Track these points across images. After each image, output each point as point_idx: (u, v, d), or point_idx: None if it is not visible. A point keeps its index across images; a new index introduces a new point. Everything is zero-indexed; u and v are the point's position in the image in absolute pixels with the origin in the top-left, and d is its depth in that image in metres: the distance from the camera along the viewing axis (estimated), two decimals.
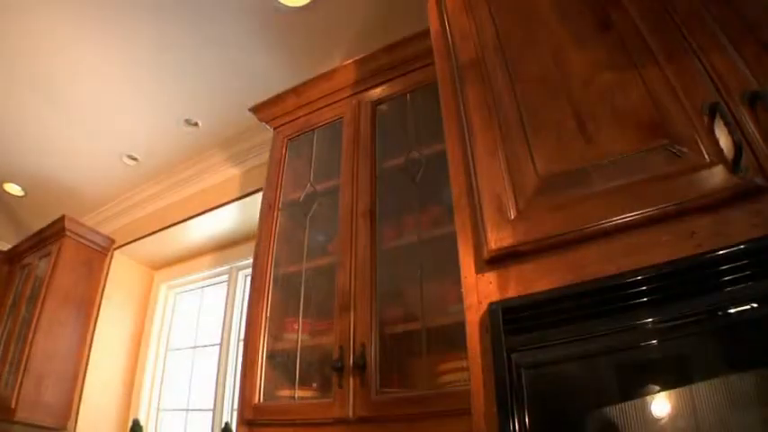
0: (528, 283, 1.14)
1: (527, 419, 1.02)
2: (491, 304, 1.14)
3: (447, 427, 1.48)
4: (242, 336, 3.22)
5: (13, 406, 3.65)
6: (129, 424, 3.58)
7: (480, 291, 1.19)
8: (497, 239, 1.18)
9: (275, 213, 2.34)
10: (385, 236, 1.93)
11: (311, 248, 2.20)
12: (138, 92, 3.25)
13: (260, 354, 2.08)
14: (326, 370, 1.86)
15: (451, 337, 1.62)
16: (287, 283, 2.21)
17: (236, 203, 3.32)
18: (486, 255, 1.19)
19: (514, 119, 1.31)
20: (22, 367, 3.77)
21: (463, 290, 1.23)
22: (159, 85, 3.17)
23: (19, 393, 3.68)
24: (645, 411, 0.93)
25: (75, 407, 3.85)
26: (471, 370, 1.16)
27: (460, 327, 1.22)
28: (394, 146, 2.10)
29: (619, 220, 1.06)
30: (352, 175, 2.07)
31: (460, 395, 1.44)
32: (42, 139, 3.93)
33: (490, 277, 1.19)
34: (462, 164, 1.38)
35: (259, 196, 2.89)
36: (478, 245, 1.23)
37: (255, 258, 2.31)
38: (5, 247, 5.33)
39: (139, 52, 2.96)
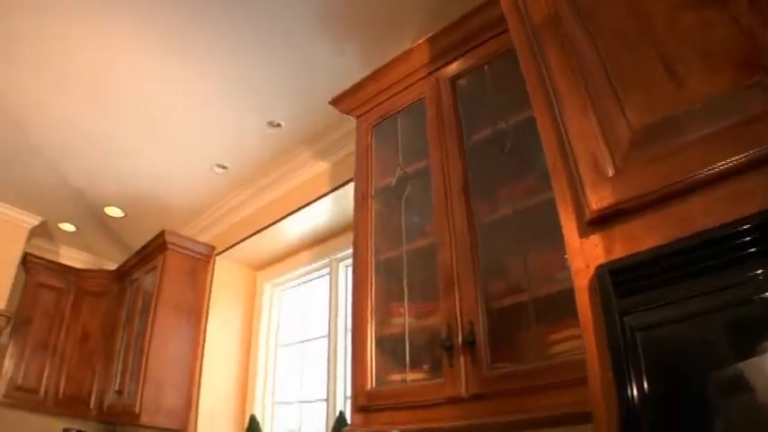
0: (634, 243, 1.09)
1: (645, 384, 0.98)
2: (598, 267, 1.11)
3: (561, 399, 1.45)
4: (349, 325, 3.26)
5: (137, 411, 3.90)
6: (246, 420, 3.71)
7: (586, 254, 1.16)
8: (598, 200, 1.14)
9: (369, 201, 2.35)
10: (481, 210, 1.91)
11: (409, 231, 2.20)
12: (219, 101, 3.35)
13: (369, 341, 2.11)
14: (436, 350, 1.86)
15: (560, 306, 1.58)
16: (389, 269, 2.21)
17: (328, 197, 3.36)
18: (587, 217, 1.15)
19: (599, 74, 1.26)
20: (142, 376, 4.00)
21: (568, 255, 1.20)
22: (239, 92, 3.25)
23: (141, 400, 3.92)
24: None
25: (193, 408, 4.04)
26: (584, 337, 1.13)
27: (568, 294, 1.19)
28: (479, 119, 2.06)
29: (720, 167, 0.99)
30: (441, 154, 2.05)
31: (573, 365, 1.41)
32: (134, 162, 4.15)
33: (595, 240, 1.15)
34: (552, 128, 1.34)
35: (351, 186, 2.90)
36: (579, 208, 1.19)
37: (355, 248, 2.33)
38: (113, 266, 5.64)
39: (217, 62, 3.04)
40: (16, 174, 4.64)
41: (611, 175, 1.14)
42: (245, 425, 3.73)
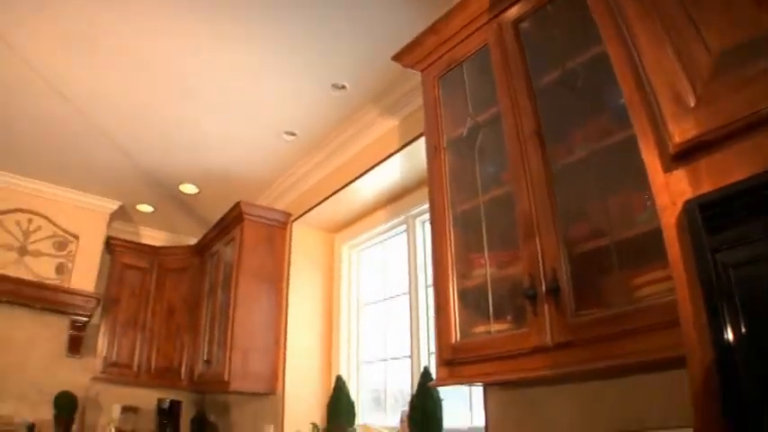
0: (722, 175, 1.03)
1: (741, 324, 0.93)
2: (686, 203, 1.05)
3: (650, 344, 1.40)
4: (429, 281, 3.26)
5: (226, 379, 4.06)
6: (333, 380, 3.79)
7: (672, 190, 1.10)
8: (681, 132, 1.08)
9: (441, 154, 2.32)
10: (556, 154, 1.85)
11: (484, 181, 2.16)
12: (281, 69, 3.35)
13: (451, 294, 2.10)
14: (519, 300, 1.83)
15: (643, 248, 1.53)
16: (466, 221, 2.19)
17: (399, 153, 3.34)
18: (671, 150, 1.10)
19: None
20: (229, 344, 4.16)
21: (653, 192, 1.15)
22: (300, 58, 3.23)
23: (229, 367, 4.08)
24: None
25: (280, 372, 4.17)
26: (675, 277, 1.08)
27: (652, 236, 1.15)
28: (546, 61, 1.99)
29: None
30: (511, 100, 1.99)
31: (661, 308, 1.36)
32: (204, 138, 4.26)
33: (680, 174, 1.10)
34: (626, 61, 1.27)
35: (422, 141, 2.87)
36: (661, 142, 1.13)
37: (431, 202, 2.32)
38: (192, 241, 5.84)
39: (274, 30, 3.03)
40: (91, 163, 4.89)
41: (692, 105, 1.08)
42: (332, 385, 3.82)
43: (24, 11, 3.02)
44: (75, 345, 5.57)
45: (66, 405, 5.32)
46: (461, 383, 2.20)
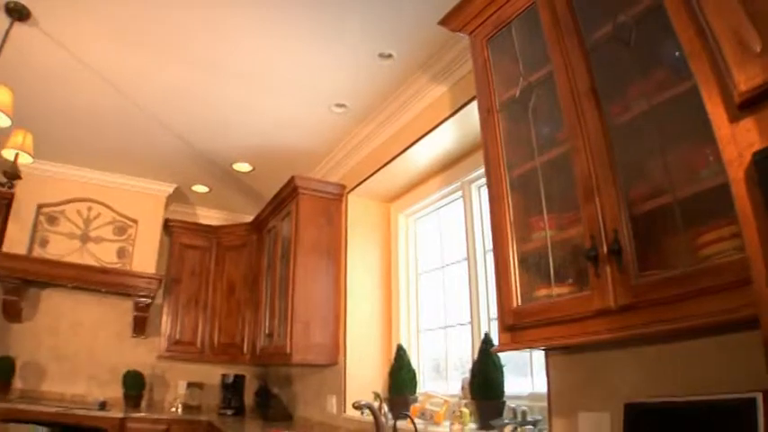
0: None
1: None
2: (755, 154, 1.00)
3: (717, 305, 1.34)
4: (487, 247, 3.24)
5: (288, 351, 4.14)
6: (394, 349, 3.81)
7: (739, 141, 1.05)
8: (747, 79, 1.02)
9: (495, 116, 2.28)
10: (612, 112, 1.79)
11: (540, 142, 2.10)
12: (327, 42, 3.33)
13: (511, 259, 2.07)
14: (580, 262, 1.79)
15: (708, 205, 1.47)
16: (523, 183, 2.15)
17: (451, 119, 3.29)
18: (737, 99, 1.04)
19: None
20: (290, 318, 4.23)
21: (719, 145, 1.10)
22: (345, 29, 3.21)
23: (291, 340, 4.15)
24: None
25: (341, 343, 4.23)
26: (744, 234, 1.04)
27: (716, 192, 1.10)
28: (597, 15, 1.91)
29: None
30: (563, 58, 1.93)
31: (727, 267, 1.31)
32: (254, 116, 4.32)
33: (747, 124, 1.04)
34: (684, 9, 1.22)
35: (473, 106, 2.83)
36: (726, 91, 1.08)
37: (487, 166, 2.28)
38: (249, 218, 5.95)
39: (318, 2, 3.01)
40: (146, 149, 5.06)
41: (758, 50, 1.02)
42: (393, 354, 3.84)
43: (75, 13, 3.14)
44: (140, 325, 5.80)
45: (134, 383, 5.55)
46: (523, 348, 2.18)
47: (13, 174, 3.30)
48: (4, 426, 3.31)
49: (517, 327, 2.00)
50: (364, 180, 4.33)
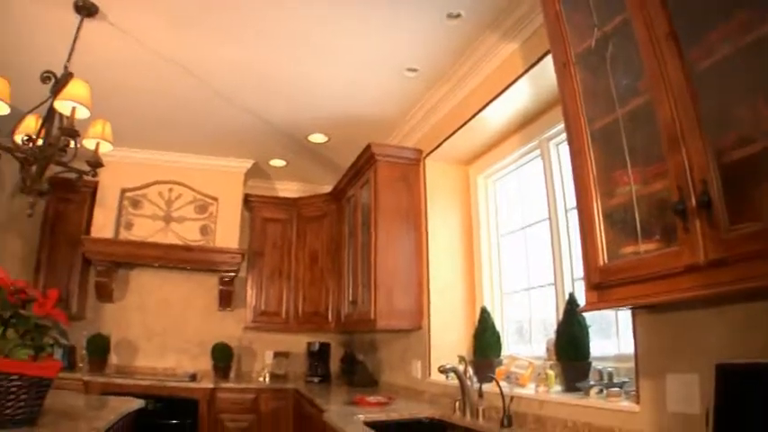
0: None
1: None
2: None
3: None
4: (568, 205, 3.15)
5: (373, 318, 4.18)
6: (477, 312, 3.79)
7: None
8: None
9: (571, 69, 2.19)
10: (694, 57, 1.68)
11: (620, 93, 2.01)
12: (394, 4, 3.28)
13: (595, 215, 2.01)
14: (668, 216, 1.71)
15: None
16: (605, 137, 2.06)
17: (525, 77, 3.19)
18: None
19: None
20: (373, 284, 4.26)
21: None
22: None
23: (375, 306, 4.20)
24: None
25: (425, 307, 4.24)
26: None
27: None
28: None
29: None
30: (639, 2, 1.82)
31: None
32: (326, 87, 4.35)
33: None
34: None
35: (545, 62, 2.77)
36: None
37: (566, 121, 2.21)
38: (327, 188, 6.02)
39: None
40: (221, 128, 5.20)
41: None
42: (476, 317, 3.82)
43: (140, 3, 3.30)
44: (226, 299, 6.04)
45: (222, 355, 5.78)
46: (610, 308, 2.11)
47: (95, 162, 3.44)
48: (103, 399, 3.49)
49: (604, 285, 1.94)
50: (440, 144, 4.28)
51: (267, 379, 5.67)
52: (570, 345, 2.72)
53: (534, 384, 2.97)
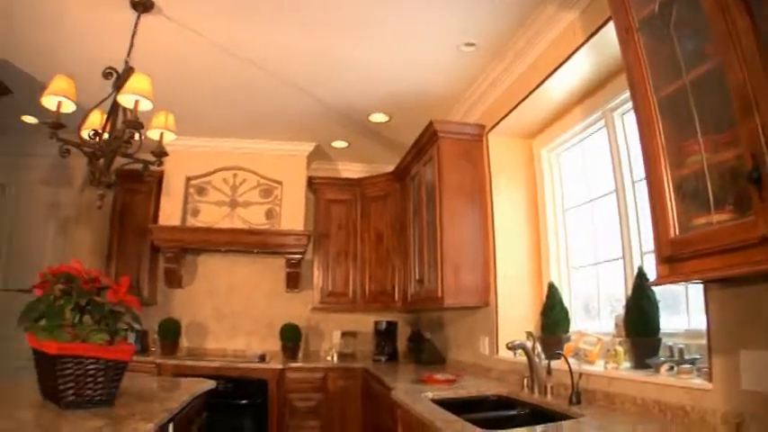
0: None
1: None
2: None
3: None
4: (635, 177, 3.07)
5: (440, 295, 4.19)
6: (544, 288, 3.73)
7: None
8: None
9: (635, 36, 2.11)
10: (764, 16, 1.59)
11: (687, 58, 1.91)
12: None
13: (665, 187, 1.94)
14: (741, 184, 1.63)
15: None
16: (672, 105, 1.97)
17: (586, 46, 3.09)
18: None
19: None
20: (439, 262, 4.26)
21: None
22: None
23: (442, 284, 4.21)
24: None
25: (491, 284, 4.22)
26: None
27: None
28: None
29: None
30: None
31: None
32: (383, 67, 4.35)
33: None
34: None
35: (605, 30, 2.70)
36: None
37: (632, 90, 2.13)
38: (390, 168, 6.02)
39: None
40: (282, 113, 5.28)
41: None
42: (544, 293, 3.76)
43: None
44: (293, 280, 6.16)
45: (290, 335, 5.90)
46: (682, 281, 2.04)
47: (160, 152, 3.54)
48: (175, 380, 3.60)
49: (675, 258, 1.87)
50: (502, 118, 4.22)
51: (335, 358, 5.75)
52: (640, 320, 2.64)
53: (603, 361, 2.92)
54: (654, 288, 2.64)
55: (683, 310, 2.70)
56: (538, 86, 3.65)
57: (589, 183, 3.76)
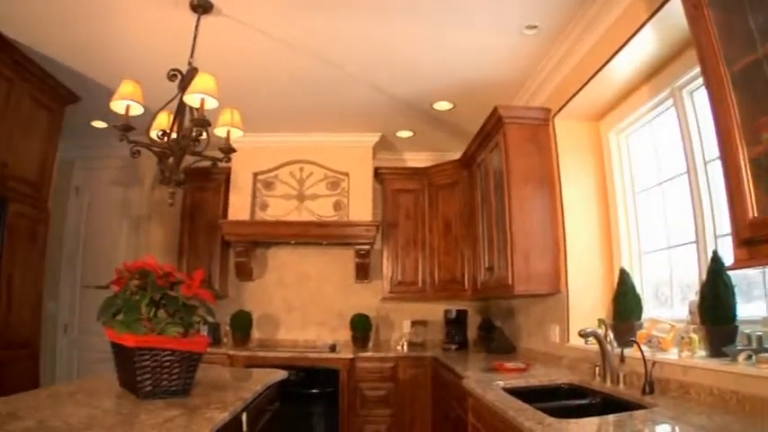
0: None
1: None
2: None
3: None
4: (707, 156, 2.95)
5: (510, 282, 4.15)
6: (616, 274, 3.63)
7: None
8: None
9: (705, 11, 2.02)
10: None
11: (760, 30, 1.82)
12: None
13: (742, 166, 1.86)
14: None
15: None
16: (747, 79, 1.88)
17: (650, 22, 2.97)
18: None
19: None
20: (509, 249, 4.23)
21: None
22: None
23: (512, 271, 4.16)
24: None
25: (562, 271, 4.14)
26: None
27: None
28: None
29: None
30: None
31: None
32: (444, 54, 4.33)
33: None
34: None
35: (670, 5, 2.59)
36: None
37: (702, 65, 2.06)
38: (456, 155, 6.01)
39: None
40: (346, 105, 5.31)
41: None
42: (615, 279, 3.66)
43: None
44: (363, 271, 6.21)
45: (361, 325, 5.95)
46: (763, 265, 1.94)
47: (227, 149, 3.63)
48: (248, 371, 3.68)
49: (755, 240, 1.79)
50: (568, 101, 4.13)
51: (405, 347, 5.75)
52: (715, 307, 2.53)
53: (677, 349, 2.82)
54: (730, 273, 2.52)
55: (758, 296, 2.57)
56: (603, 67, 3.54)
57: (659, 164, 3.62)
